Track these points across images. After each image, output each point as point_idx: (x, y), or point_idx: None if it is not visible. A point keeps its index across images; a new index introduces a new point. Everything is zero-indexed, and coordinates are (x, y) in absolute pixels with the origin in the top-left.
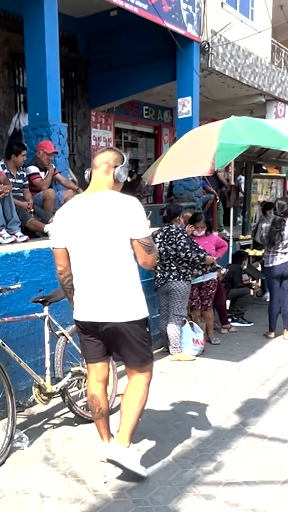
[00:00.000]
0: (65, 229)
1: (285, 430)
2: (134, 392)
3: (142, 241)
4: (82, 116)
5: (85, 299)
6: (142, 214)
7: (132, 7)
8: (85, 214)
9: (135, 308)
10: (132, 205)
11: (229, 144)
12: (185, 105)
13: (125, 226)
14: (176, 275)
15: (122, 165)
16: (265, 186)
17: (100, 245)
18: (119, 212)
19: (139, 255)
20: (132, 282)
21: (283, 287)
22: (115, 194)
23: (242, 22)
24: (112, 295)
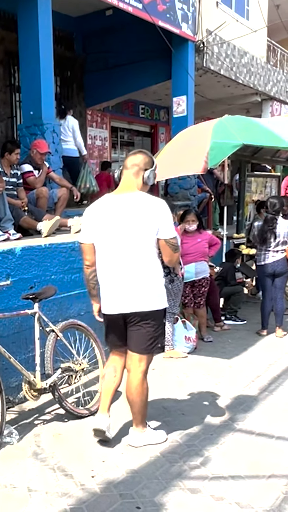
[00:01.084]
0: (94, 225)
1: (273, 425)
2: (136, 390)
3: (169, 241)
4: (78, 115)
5: (112, 293)
6: (170, 216)
7: (127, 6)
8: (115, 213)
9: (158, 299)
10: (161, 207)
11: (222, 143)
12: (180, 104)
13: (154, 227)
14: (167, 272)
15: (152, 168)
16: (260, 185)
17: (128, 243)
18: (148, 213)
19: (165, 253)
20: (155, 276)
21: (276, 285)
22: (144, 195)
23: (238, 22)
24: (136, 289)
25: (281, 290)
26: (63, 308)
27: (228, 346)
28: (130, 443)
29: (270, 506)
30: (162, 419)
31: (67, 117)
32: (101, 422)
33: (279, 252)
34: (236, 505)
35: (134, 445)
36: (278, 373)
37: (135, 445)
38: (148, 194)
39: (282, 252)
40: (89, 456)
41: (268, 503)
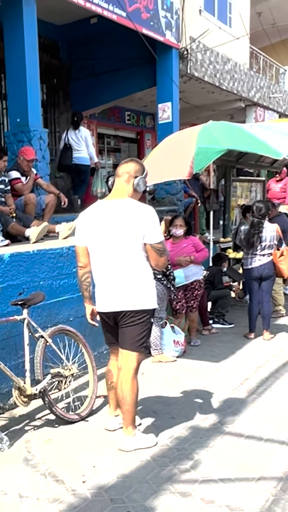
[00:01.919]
0: (87, 229)
1: (261, 428)
2: (125, 387)
3: (154, 246)
4: (64, 121)
5: (104, 293)
6: (156, 221)
7: (111, 14)
8: (106, 218)
9: (147, 299)
10: (148, 214)
11: (207, 148)
12: (165, 111)
13: (140, 232)
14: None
15: (142, 176)
16: (245, 189)
17: (116, 246)
18: (135, 219)
19: (151, 258)
20: (145, 277)
21: (262, 289)
22: (133, 202)
23: (220, 29)
24: (125, 289)
25: (268, 294)
26: (52, 313)
27: (216, 350)
28: (121, 448)
29: (260, 508)
30: (152, 423)
31: (80, 128)
32: (108, 424)
33: (265, 256)
34: (226, 508)
35: (125, 449)
36: (266, 376)
37: (126, 449)
38: (137, 201)
39: (269, 256)
40: (80, 461)
41: (258, 505)
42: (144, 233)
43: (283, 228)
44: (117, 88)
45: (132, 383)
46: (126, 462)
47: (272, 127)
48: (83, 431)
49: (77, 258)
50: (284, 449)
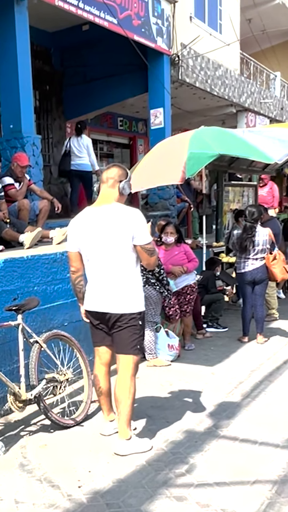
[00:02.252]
0: (78, 235)
1: (256, 431)
2: (120, 388)
3: (144, 247)
4: (57, 127)
5: (93, 293)
6: (144, 223)
7: (103, 21)
8: (95, 223)
9: (134, 303)
10: (135, 216)
11: (199, 153)
12: (157, 116)
13: (128, 234)
14: (145, 280)
15: (126, 179)
16: (237, 194)
17: (106, 250)
18: (123, 222)
19: (142, 258)
20: (132, 281)
21: (255, 293)
22: (120, 206)
23: (211, 35)
24: (116, 291)
25: (261, 297)
26: (46, 319)
27: (210, 354)
28: (116, 452)
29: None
30: (147, 427)
31: (82, 135)
32: (103, 429)
33: (258, 260)
34: (222, 511)
35: (120, 453)
36: (260, 379)
37: (121, 453)
38: (123, 205)
39: (261, 260)
40: (76, 466)
41: (253, 508)
42: (132, 235)
43: (275, 232)
44: (109, 94)
45: (129, 386)
46: (122, 467)
47: (263, 132)
48: (78, 436)
49: (70, 263)
50: (278, 452)
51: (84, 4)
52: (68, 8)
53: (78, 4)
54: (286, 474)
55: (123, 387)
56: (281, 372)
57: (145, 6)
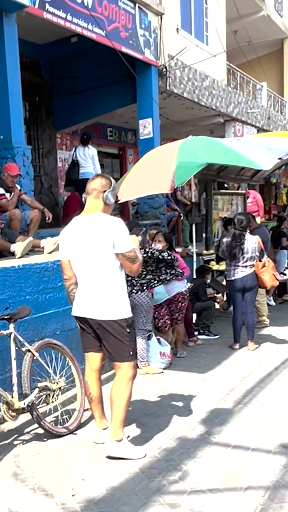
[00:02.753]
0: (67, 244)
1: (248, 438)
2: (116, 390)
3: (126, 255)
4: (47, 138)
5: (80, 299)
6: (124, 231)
7: (91, 33)
8: (81, 233)
9: (116, 310)
10: (115, 225)
11: (187, 163)
12: (146, 126)
13: (110, 243)
14: (138, 288)
15: (110, 189)
16: (226, 202)
17: (90, 258)
18: (105, 231)
19: (125, 265)
20: (115, 288)
21: (246, 300)
22: (103, 216)
23: (198, 47)
24: (98, 298)
25: (251, 304)
26: (38, 327)
27: (202, 361)
28: (106, 452)
29: None
30: (140, 434)
31: (88, 146)
32: (96, 437)
33: (248, 267)
34: None
35: (110, 454)
36: (251, 386)
37: (110, 454)
38: (106, 215)
39: (251, 267)
40: (69, 475)
41: None
42: (113, 243)
43: (263, 239)
44: (98, 105)
45: (124, 389)
46: (115, 475)
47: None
48: (71, 444)
49: (63, 271)
50: (270, 458)
51: (72, 16)
52: (56, 20)
53: (66, 17)
54: (278, 480)
55: (119, 390)
56: (272, 378)
57: (132, 19)
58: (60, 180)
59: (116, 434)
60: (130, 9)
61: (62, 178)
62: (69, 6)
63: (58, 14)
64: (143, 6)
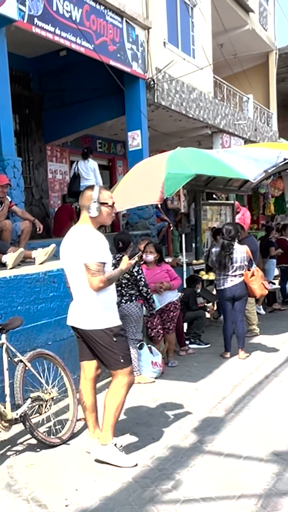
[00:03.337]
0: (61, 255)
1: (240, 446)
2: (109, 394)
3: (86, 265)
4: (38, 150)
5: (70, 308)
6: (91, 243)
7: (79, 47)
8: (66, 244)
9: (97, 319)
10: (84, 236)
11: (176, 174)
12: (135, 138)
13: (79, 254)
14: (127, 298)
15: (93, 201)
16: (215, 212)
17: (71, 269)
18: (77, 243)
19: (87, 277)
20: (95, 298)
21: (235, 309)
22: (81, 227)
23: (185, 60)
24: (81, 308)
25: (241, 313)
26: (30, 338)
27: (193, 370)
28: (91, 451)
29: None
30: (133, 444)
31: (89, 159)
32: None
33: (237, 277)
34: None
35: (94, 455)
36: (243, 394)
37: (95, 456)
38: (84, 226)
39: (240, 277)
40: (62, 485)
41: None
42: (81, 253)
43: (252, 249)
44: (87, 117)
45: (117, 395)
46: (108, 484)
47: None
48: (65, 454)
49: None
50: (262, 466)
51: (60, 30)
52: (45, 34)
53: (55, 31)
54: (271, 488)
55: (112, 395)
56: (263, 386)
57: (120, 32)
58: (50, 192)
59: (103, 438)
60: (118, 23)
61: (52, 189)
62: (58, 21)
63: (46, 28)
64: (130, 20)
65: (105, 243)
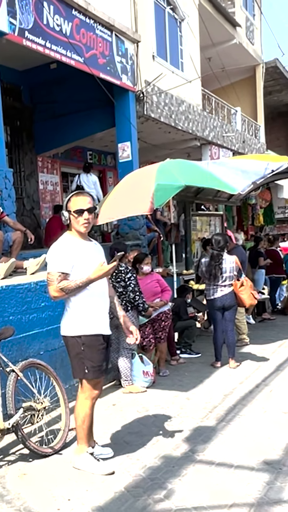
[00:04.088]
0: None
1: (232, 455)
2: (76, 406)
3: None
4: (29, 161)
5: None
6: (50, 253)
7: (69, 60)
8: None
9: (68, 326)
10: (52, 246)
11: (165, 185)
12: (125, 150)
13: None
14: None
15: (63, 209)
16: (204, 223)
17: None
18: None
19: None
20: (71, 305)
21: (225, 318)
22: (61, 236)
23: (173, 73)
24: (63, 314)
25: (231, 323)
26: (22, 348)
27: (185, 379)
28: (72, 466)
29: None
30: (125, 453)
31: (90, 173)
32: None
33: (226, 287)
34: None
35: (72, 464)
36: (233, 403)
37: (72, 464)
38: (64, 235)
39: (230, 286)
40: (55, 495)
41: None
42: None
43: (240, 259)
44: (78, 129)
45: (78, 406)
46: (101, 494)
47: (227, 163)
48: (57, 464)
49: None
50: (254, 475)
51: (51, 43)
52: (35, 47)
53: (45, 44)
54: (262, 497)
55: (77, 407)
56: (253, 395)
57: (110, 46)
58: (41, 202)
59: (77, 449)
60: (107, 37)
61: (43, 200)
62: (48, 34)
63: (37, 41)
64: (120, 34)
65: (70, 253)
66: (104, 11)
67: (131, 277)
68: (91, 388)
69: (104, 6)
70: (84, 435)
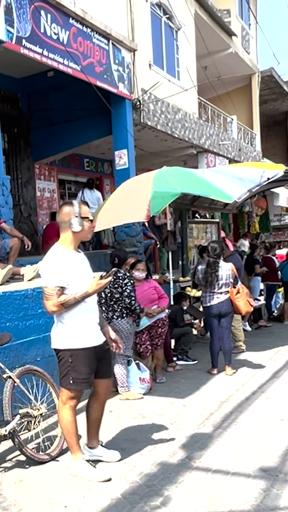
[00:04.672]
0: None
1: (228, 462)
2: (58, 416)
3: (43, 288)
4: (26, 168)
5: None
6: (46, 266)
7: (66, 68)
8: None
9: (57, 339)
10: (46, 258)
11: (162, 192)
12: (121, 157)
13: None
14: (119, 314)
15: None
16: (201, 230)
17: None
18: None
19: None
20: (60, 319)
21: (222, 325)
22: (52, 247)
23: (170, 81)
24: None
25: (227, 330)
26: (19, 354)
27: (181, 386)
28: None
29: None
30: (122, 460)
31: (94, 189)
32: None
33: (223, 294)
34: None
35: (68, 471)
36: (230, 410)
37: (68, 471)
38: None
39: (226, 294)
40: (52, 502)
41: None
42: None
43: (237, 266)
44: (75, 137)
45: (60, 414)
46: (97, 501)
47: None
48: (54, 471)
49: None
50: (250, 482)
51: (48, 52)
52: (33, 55)
53: (43, 52)
54: (259, 504)
55: (58, 418)
56: (250, 402)
57: (106, 54)
58: (39, 209)
59: (72, 457)
60: (104, 45)
61: (41, 207)
62: (45, 42)
63: (34, 49)
64: (117, 43)
65: (65, 266)
66: (101, 20)
67: (128, 282)
68: (70, 398)
69: (101, 15)
70: (75, 442)
